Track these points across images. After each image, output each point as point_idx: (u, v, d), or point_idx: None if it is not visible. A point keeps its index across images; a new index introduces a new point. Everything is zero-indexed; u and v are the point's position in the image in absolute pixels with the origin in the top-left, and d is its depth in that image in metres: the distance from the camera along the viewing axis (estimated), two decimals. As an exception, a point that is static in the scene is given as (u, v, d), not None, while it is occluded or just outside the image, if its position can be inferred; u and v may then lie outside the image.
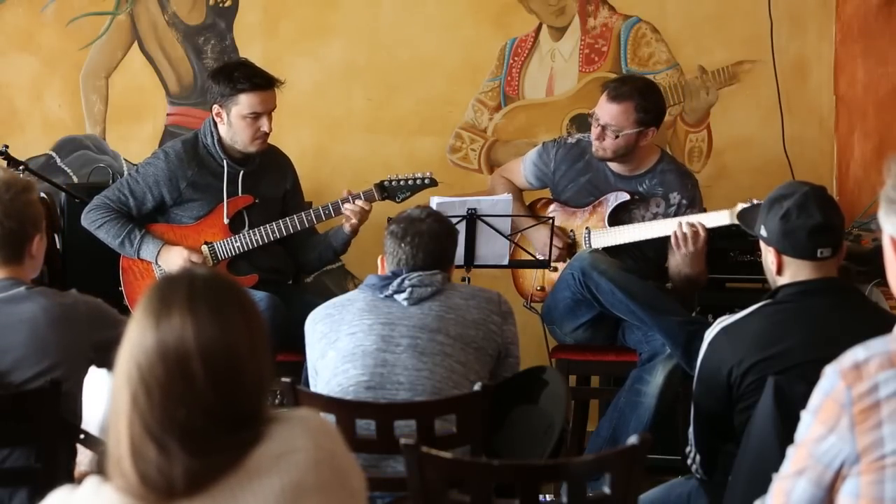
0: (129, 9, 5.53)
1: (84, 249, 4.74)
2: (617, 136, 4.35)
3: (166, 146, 4.61)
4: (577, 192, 4.55)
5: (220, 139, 4.45)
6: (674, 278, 4.38)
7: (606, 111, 4.36)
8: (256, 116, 4.38)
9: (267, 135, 4.42)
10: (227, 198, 4.46)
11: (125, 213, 4.49)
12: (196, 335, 1.75)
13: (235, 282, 1.88)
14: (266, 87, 4.39)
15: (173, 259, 4.42)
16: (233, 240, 4.47)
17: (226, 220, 4.47)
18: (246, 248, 4.46)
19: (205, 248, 4.48)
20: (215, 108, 4.42)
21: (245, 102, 4.37)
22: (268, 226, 4.45)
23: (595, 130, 4.39)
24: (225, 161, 4.46)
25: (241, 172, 4.48)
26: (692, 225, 4.19)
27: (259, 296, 4.17)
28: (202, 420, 1.74)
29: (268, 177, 4.56)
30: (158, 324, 1.76)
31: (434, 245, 3.37)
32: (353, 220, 4.42)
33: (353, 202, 4.41)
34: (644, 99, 4.36)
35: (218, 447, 1.75)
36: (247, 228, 4.48)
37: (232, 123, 4.40)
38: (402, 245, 3.34)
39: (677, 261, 4.26)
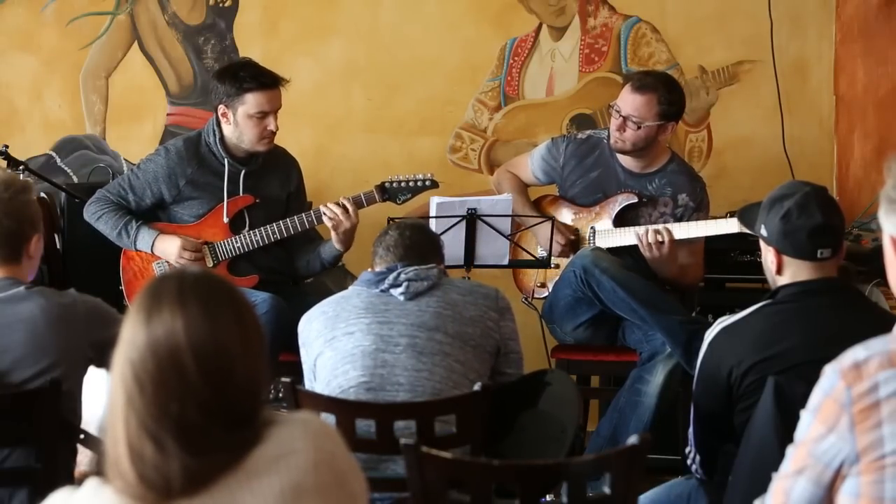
0: (129, 9, 5.53)
1: (84, 249, 4.75)
2: (639, 128, 4.36)
3: (168, 143, 4.62)
4: (586, 188, 4.55)
5: (222, 138, 4.45)
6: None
7: (629, 102, 4.37)
8: (263, 115, 4.37)
9: (274, 134, 4.41)
10: (228, 197, 4.46)
11: (124, 207, 4.49)
12: (185, 329, 1.76)
13: (228, 281, 1.89)
14: (272, 85, 4.38)
15: (168, 248, 4.42)
16: (233, 240, 4.46)
17: (225, 220, 4.46)
18: (246, 249, 4.46)
19: (205, 248, 4.47)
20: (221, 108, 4.41)
21: (252, 102, 4.36)
22: (267, 227, 4.43)
23: (616, 122, 4.40)
24: (226, 160, 4.45)
25: (243, 172, 4.47)
26: (658, 232, 4.24)
27: (262, 297, 4.16)
28: (197, 416, 1.74)
29: (270, 177, 4.55)
30: (149, 320, 1.77)
31: (421, 233, 3.40)
32: (342, 224, 4.37)
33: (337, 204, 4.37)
34: (668, 91, 4.38)
35: (215, 446, 1.75)
36: (247, 228, 4.47)
37: (238, 123, 4.39)
38: (390, 231, 3.37)
39: (652, 264, 4.32)
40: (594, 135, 4.61)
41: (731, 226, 4.21)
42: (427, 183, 4.48)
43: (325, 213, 4.38)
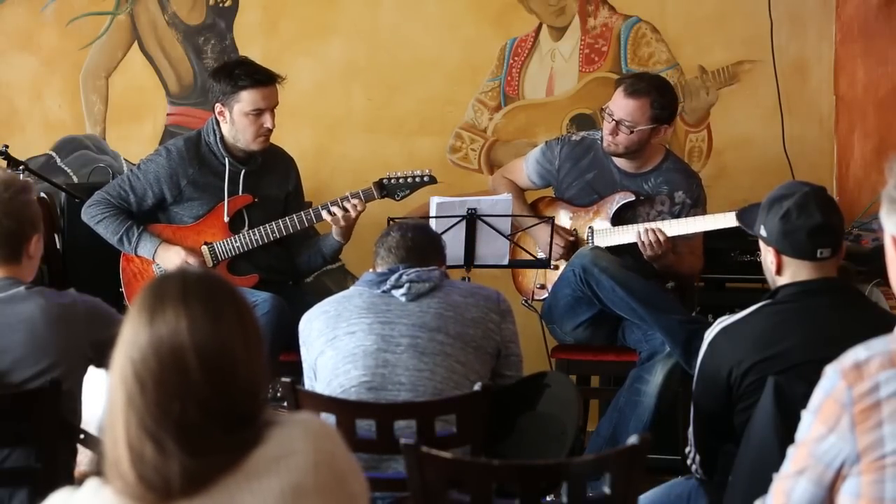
0: (129, 9, 5.53)
1: (84, 249, 4.74)
2: (631, 132, 4.36)
3: (168, 143, 4.62)
4: (581, 189, 4.55)
5: (222, 138, 4.45)
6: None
7: (622, 107, 4.37)
8: (259, 113, 4.37)
9: (270, 131, 4.41)
10: (228, 197, 4.46)
11: (125, 210, 4.49)
12: (189, 328, 1.76)
13: (229, 282, 1.89)
14: (267, 83, 4.39)
15: (171, 258, 4.42)
16: (232, 240, 4.46)
17: (226, 219, 4.46)
18: (245, 249, 4.46)
19: (205, 248, 4.47)
20: (217, 106, 4.42)
21: (247, 99, 4.37)
22: (267, 226, 4.44)
23: (608, 126, 4.40)
24: (227, 160, 4.45)
25: (243, 171, 4.47)
26: (653, 231, 4.26)
27: (263, 296, 4.17)
28: (198, 416, 1.74)
29: (270, 176, 4.55)
30: (152, 320, 1.77)
31: (423, 234, 3.39)
32: (341, 223, 4.39)
33: (345, 202, 4.38)
34: (661, 95, 4.38)
35: (215, 446, 1.74)
36: (247, 228, 4.48)
37: (235, 121, 4.40)
38: (392, 233, 3.37)
39: (650, 260, 4.34)
40: (588, 136, 4.61)
41: (728, 220, 4.21)
42: (425, 179, 4.47)
43: (334, 213, 4.37)
